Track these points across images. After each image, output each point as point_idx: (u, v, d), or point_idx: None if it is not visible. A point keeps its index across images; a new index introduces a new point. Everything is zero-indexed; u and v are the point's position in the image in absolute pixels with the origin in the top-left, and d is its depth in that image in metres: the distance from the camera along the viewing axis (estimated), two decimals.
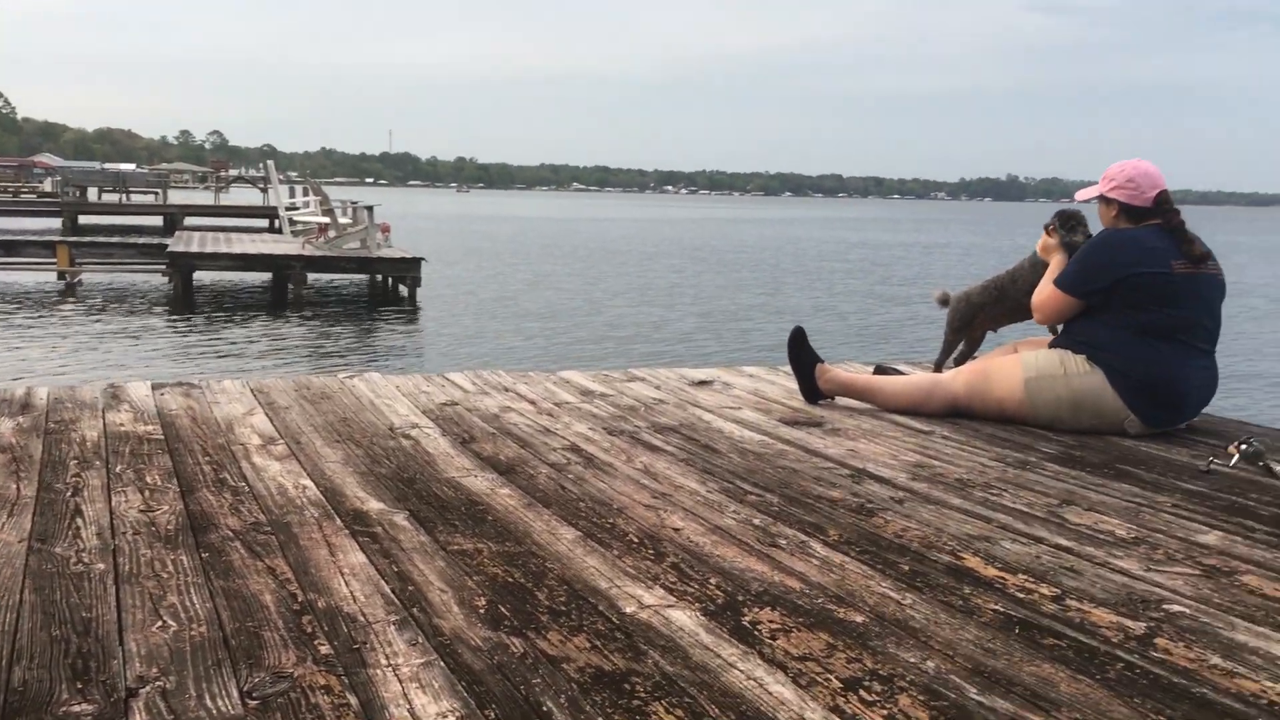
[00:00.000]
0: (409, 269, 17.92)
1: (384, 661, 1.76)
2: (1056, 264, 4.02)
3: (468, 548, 2.35)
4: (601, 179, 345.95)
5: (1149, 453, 3.54)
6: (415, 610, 1.98)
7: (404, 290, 18.27)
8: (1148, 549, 2.49)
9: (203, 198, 48.62)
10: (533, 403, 4.08)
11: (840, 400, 4.25)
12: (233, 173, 72.52)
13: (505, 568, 2.23)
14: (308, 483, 2.82)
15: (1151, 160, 3.91)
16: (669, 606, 2.03)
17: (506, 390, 4.32)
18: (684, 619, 1.97)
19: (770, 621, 1.97)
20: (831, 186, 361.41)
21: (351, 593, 2.06)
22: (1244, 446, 3.33)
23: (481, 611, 1.99)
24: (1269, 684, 1.76)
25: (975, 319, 4.48)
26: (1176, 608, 2.11)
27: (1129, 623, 2.02)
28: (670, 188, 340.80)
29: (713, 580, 2.19)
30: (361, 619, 1.93)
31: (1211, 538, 2.60)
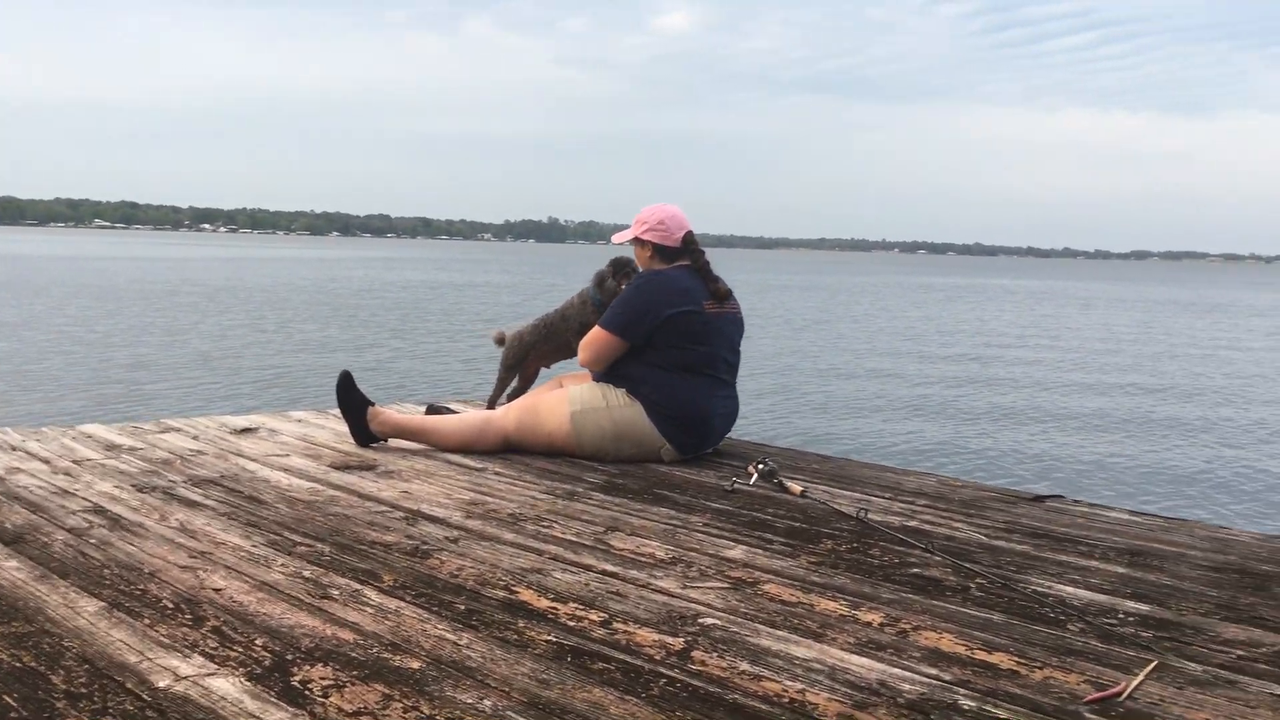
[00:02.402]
0: None
1: None
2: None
3: None
4: (128, 215, 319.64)
5: (683, 477, 3.81)
6: None
7: None
8: (684, 567, 2.67)
9: None
10: (46, 461, 3.66)
11: (394, 442, 4.20)
12: None
13: (11, 652, 1.96)
14: None
15: (676, 204, 4.24)
16: (209, 675, 1.88)
17: (14, 450, 3.84)
18: (226, 686, 1.83)
19: (322, 678, 1.88)
20: (379, 226, 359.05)
21: None
22: (761, 466, 3.68)
23: None
24: (789, 683, 1.93)
25: (528, 357, 4.62)
26: (710, 620, 2.27)
27: (669, 639, 2.14)
28: (208, 226, 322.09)
29: (259, 641, 2.06)
30: None
31: (737, 552, 2.83)
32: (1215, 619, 2.38)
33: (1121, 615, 2.38)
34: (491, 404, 4.68)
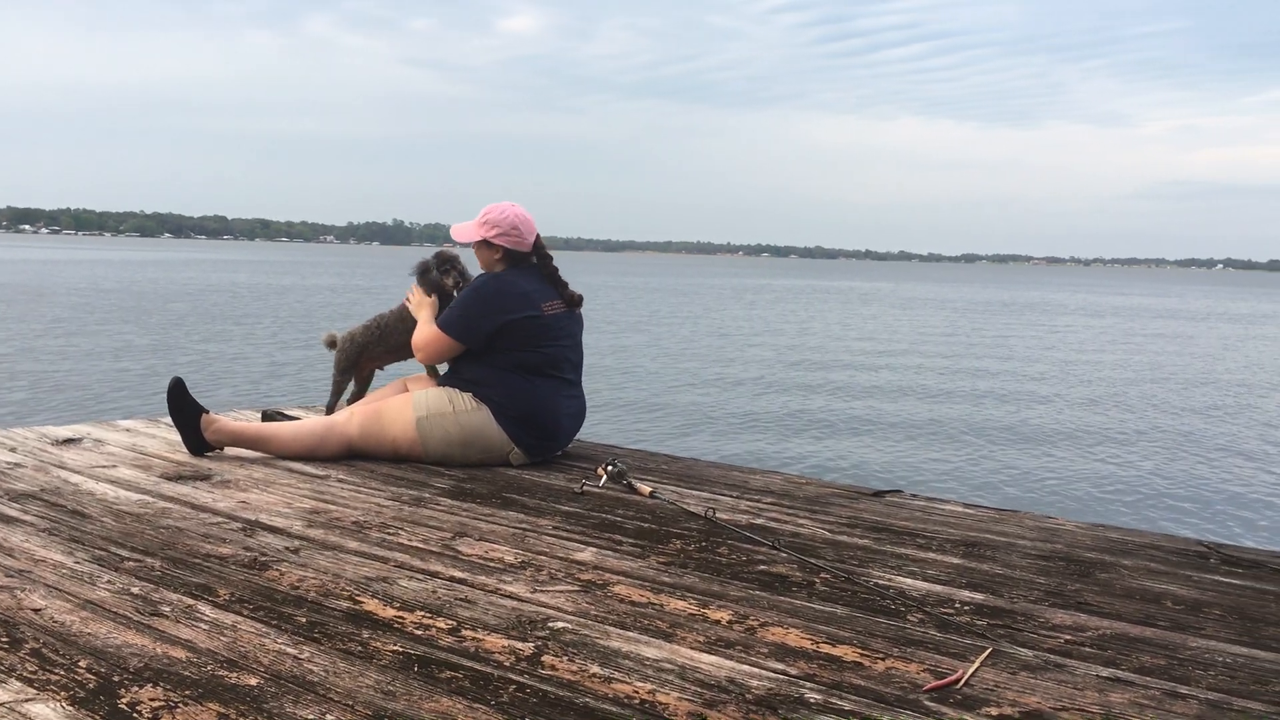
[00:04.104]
0: None
1: None
2: (427, 318, 4.16)
3: None
4: None
5: (532, 480, 3.78)
6: None
7: None
8: (534, 571, 2.65)
9: None
10: None
11: (230, 450, 4.04)
12: None
13: None
14: None
15: (521, 205, 4.18)
16: (28, 700, 1.76)
17: None
18: (47, 712, 1.72)
19: (152, 700, 1.79)
20: (215, 228, 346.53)
21: None
22: (610, 468, 3.69)
23: None
24: (640, 684, 1.93)
25: (362, 358, 4.50)
26: (560, 624, 2.25)
27: (519, 645, 2.12)
28: (28, 227, 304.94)
29: (83, 663, 1.94)
30: None
31: (587, 554, 2.82)
32: (1045, 606, 2.48)
33: (958, 605, 2.47)
34: (330, 409, 4.55)
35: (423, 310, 4.20)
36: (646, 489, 3.55)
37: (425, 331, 4.12)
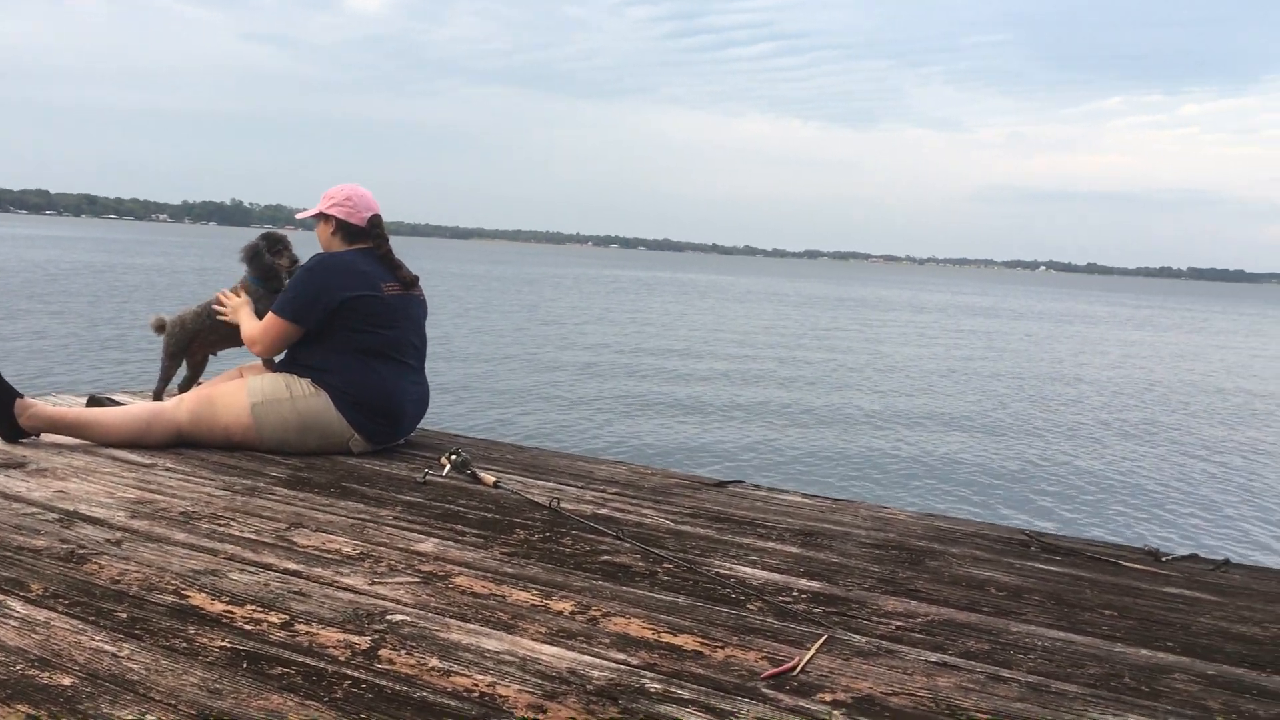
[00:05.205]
0: None
1: None
2: (248, 315, 4.03)
3: None
4: None
5: (372, 469, 3.70)
6: None
7: None
8: (372, 563, 2.58)
9: None
10: None
11: (47, 437, 3.83)
12: None
13: None
14: None
15: (369, 190, 4.10)
16: None
17: None
18: None
19: None
20: (37, 203, 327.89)
21: None
22: (454, 456, 3.64)
23: None
24: (479, 677, 1.90)
25: (192, 344, 4.31)
26: (399, 617, 2.20)
27: (355, 638, 2.06)
28: None
29: None
30: None
31: (428, 545, 2.77)
32: (878, 593, 2.56)
33: (795, 593, 2.52)
34: (158, 395, 4.35)
35: (241, 312, 4.06)
36: (491, 479, 3.52)
37: (254, 324, 3.97)
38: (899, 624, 2.33)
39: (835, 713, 1.82)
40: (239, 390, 3.86)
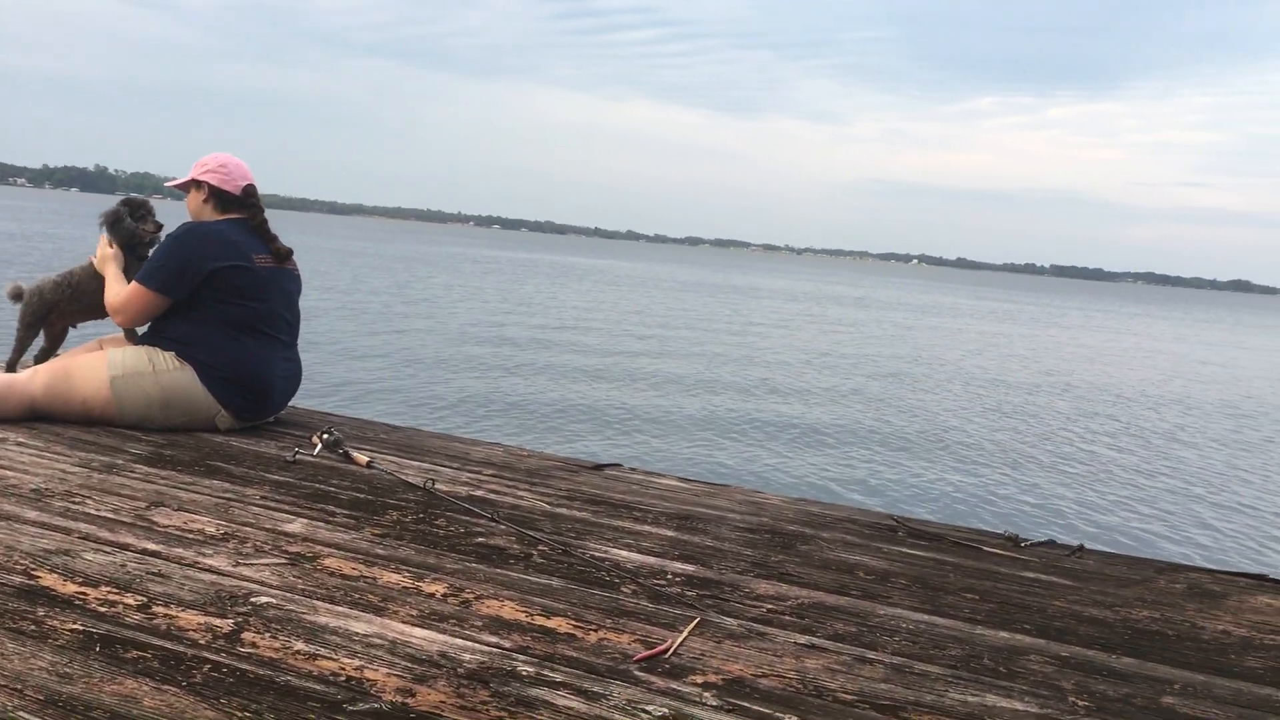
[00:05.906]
0: None
1: None
2: (115, 274, 3.86)
3: None
4: None
5: (240, 447, 3.59)
6: None
7: None
8: (237, 544, 2.50)
9: None
10: None
11: None
12: None
13: None
14: None
15: (245, 162, 3.98)
16: None
17: None
18: None
19: None
20: None
21: None
22: (326, 435, 3.55)
23: None
24: (346, 660, 1.86)
25: (51, 314, 4.11)
26: (264, 599, 2.14)
27: (217, 621, 1.99)
28: None
29: None
30: None
31: (297, 525, 2.70)
32: (750, 576, 2.59)
33: (670, 576, 2.53)
34: (11, 366, 4.14)
35: (109, 265, 3.88)
36: (364, 459, 3.45)
37: (119, 289, 3.80)
38: (770, 607, 2.36)
39: (706, 695, 1.84)
40: (98, 362, 3.70)
